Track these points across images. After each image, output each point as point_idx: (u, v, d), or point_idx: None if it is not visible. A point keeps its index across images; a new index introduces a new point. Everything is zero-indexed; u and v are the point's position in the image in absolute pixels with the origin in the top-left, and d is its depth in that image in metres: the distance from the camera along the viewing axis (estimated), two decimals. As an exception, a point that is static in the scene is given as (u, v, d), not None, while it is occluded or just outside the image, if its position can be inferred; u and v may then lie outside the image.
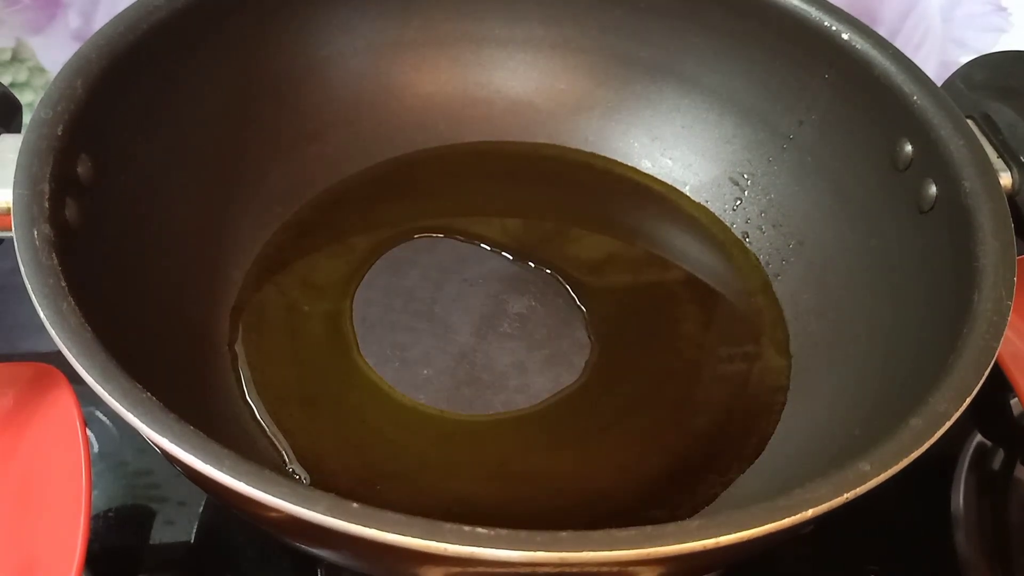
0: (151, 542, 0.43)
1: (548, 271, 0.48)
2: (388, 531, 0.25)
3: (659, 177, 0.53)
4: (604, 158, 0.53)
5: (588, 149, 0.53)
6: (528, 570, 0.27)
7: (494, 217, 0.50)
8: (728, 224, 0.51)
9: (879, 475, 0.29)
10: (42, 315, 0.30)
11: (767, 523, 0.27)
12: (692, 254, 0.50)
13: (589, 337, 0.45)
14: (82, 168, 0.36)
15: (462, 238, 0.49)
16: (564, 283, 0.47)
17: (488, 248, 0.48)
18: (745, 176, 0.51)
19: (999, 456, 0.48)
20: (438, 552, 0.25)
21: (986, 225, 0.37)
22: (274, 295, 0.45)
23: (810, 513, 0.27)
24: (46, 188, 0.34)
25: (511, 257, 0.48)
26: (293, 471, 0.39)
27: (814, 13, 0.45)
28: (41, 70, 0.61)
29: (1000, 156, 0.42)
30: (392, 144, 0.52)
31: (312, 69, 0.49)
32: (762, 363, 0.45)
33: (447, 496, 0.39)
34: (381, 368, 0.43)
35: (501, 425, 0.41)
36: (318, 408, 0.41)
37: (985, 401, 0.33)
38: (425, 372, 0.43)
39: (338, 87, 0.50)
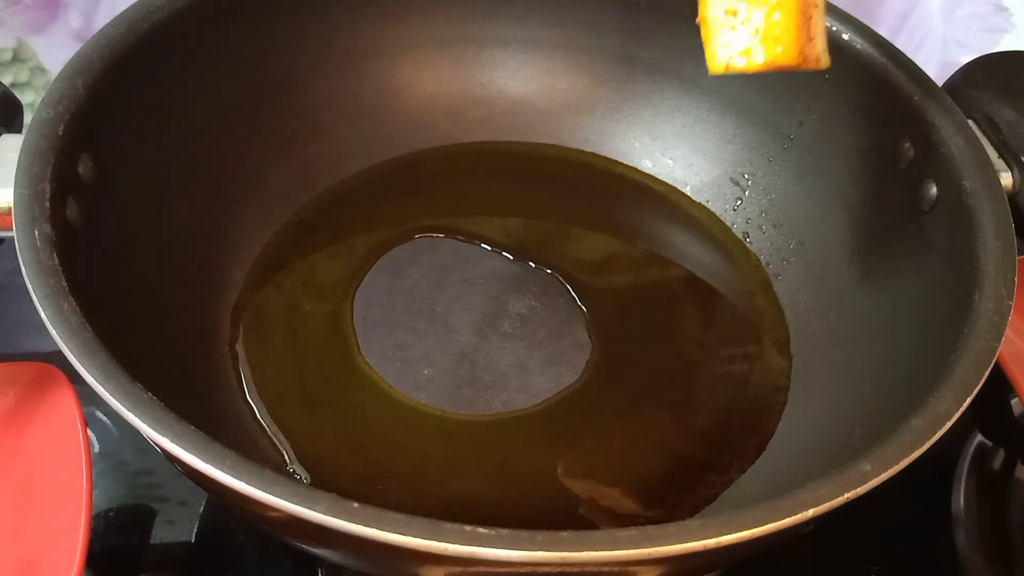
0: (152, 542, 0.43)
1: (549, 271, 0.48)
2: (389, 531, 0.25)
3: (660, 177, 0.53)
4: (605, 158, 0.53)
5: (589, 149, 0.53)
6: (528, 570, 0.27)
7: (495, 217, 0.50)
8: (729, 224, 0.51)
9: (879, 475, 0.29)
10: (43, 315, 0.30)
11: (767, 523, 0.27)
12: (693, 254, 0.50)
13: (590, 337, 0.45)
14: (83, 168, 0.36)
15: (463, 238, 0.49)
16: (565, 283, 0.47)
17: (489, 248, 0.48)
18: (746, 176, 0.51)
19: (999, 456, 0.48)
20: (439, 552, 0.25)
21: (987, 225, 0.37)
22: (275, 295, 0.45)
23: (810, 513, 0.27)
24: (47, 188, 0.34)
25: (512, 257, 0.48)
26: (293, 471, 0.39)
27: (815, 13, 0.45)
28: (42, 70, 0.61)
29: (1001, 156, 0.42)
30: (392, 144, 0.52)
31: (312, 69, 0.49)
32: (762, 363, 0.45)
33: (447, 496, 0.39)
34: (382, 368, 0.43)
35: (501, 425, 0.41)
36: (318, 408, 0.41)
37: (985, 401, 0.33)
38: (426, 372, 0.43)
39: (338, 87, 0.50)
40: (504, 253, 0.48)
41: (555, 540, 0.26)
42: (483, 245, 0.48)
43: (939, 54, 0.64)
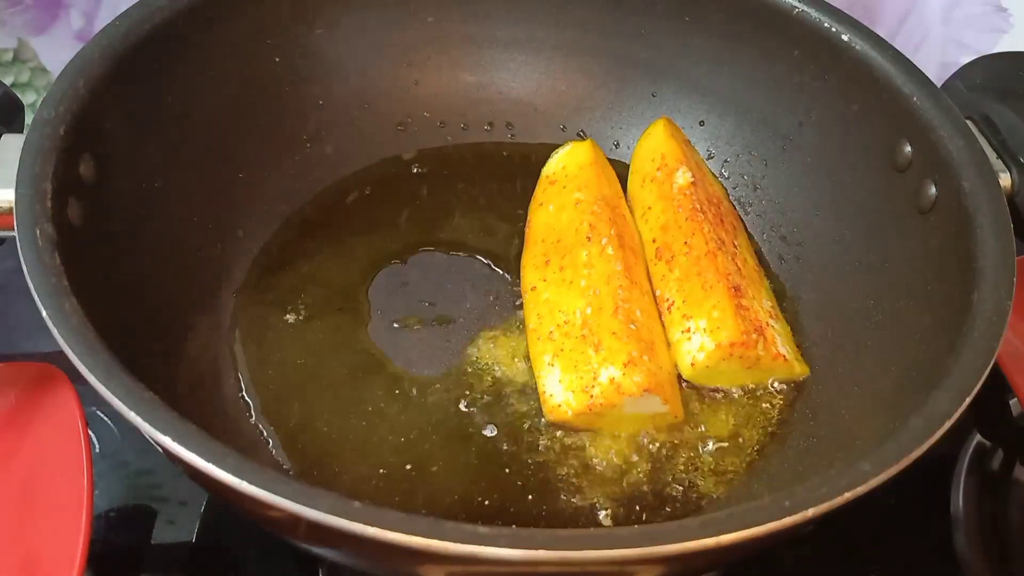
0: (152, 542, 0.43)
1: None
2: (390, 530, 0.25)
3: (659, 178, 0.53)
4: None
5: (589, 150, 0.54)
6: (529, 569, 0.27)
7: (494, 216, 0.50)
8: (728, 225, 0.51)
9: (879, 475, 0.29)
10: (44, 314, 0.30)
11: (767, 523, 0.27)
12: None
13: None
14: (84, 168, 0.36)
15: (463, 238, 0.49)
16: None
17: (488, 248, 0.48)
18: (745, 177, 0.51)
19: (999, 456, 0.48)
20: (439, 551, 0.25)
21: (985, 226, 0.37)
22: (274, 294, 0.45)
23: (810, 513, 0.27)
24: (48, 188, 0.34)
25: (513, 254, 0.48)
26: (293, 470, 0.39)
27: (814, 14, 0.45)
28: (43, 71, 0.61)
29: (1000, 157, 0.42)
30: (392, 144, 0.52)
31: (313, 69, 0.49)
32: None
33: (448, 496, 0.39)
34: (381, 368, 0.43)
35: (502, 425, 0.41)
36: (318, 407, 0.41)
37: (985, 401, 0.33)
38: (427, 372, 0.43)
39: (338, 87, 0.50)
40: (505, 251, 0.48)
41: (555, 540, 0.26)
42: (484, 245, 0.49)
43: (938, 54, 0.64)
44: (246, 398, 0.41)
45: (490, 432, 0.41)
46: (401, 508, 0.26)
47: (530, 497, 0.39)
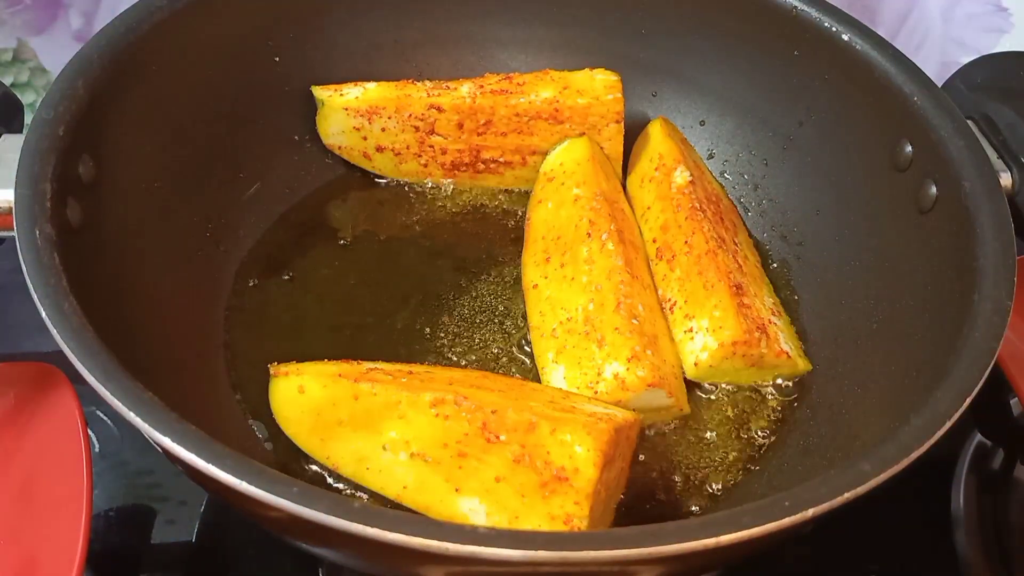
0: (152, 541, 0.43)
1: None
2: (390, 530, 0.25)
3: (659, 177, 0.53)
4: (604, 158, 0.53)
5: (588, 149, 0.53)
6: (529, 569, 0.27)
7: (494, 216, 0.50)
8: (728, 224, 0.51)
9: (879, 475, 0.29)
10: (44, 315, 0.30)
11: (767, 523, 0.27)
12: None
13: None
14: (84, 168, 0.36)
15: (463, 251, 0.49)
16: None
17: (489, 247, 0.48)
18: (745, 177, 0.51)
19: (999, 456, 0.48)
20: (439, 551, 0.25)
21: (986, 225, 0.37)
22: (273, 294, 0.45)
23: (810, 513, 0.27)
24: (48, 188, 0.34)
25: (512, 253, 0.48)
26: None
27: (814, 14, 0.45)
28: (42, 71, 0.61)
29: (1000, 157, 0.42)
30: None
31: (312, 69, 0.49)
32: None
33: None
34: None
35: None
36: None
37: (985, 401, 0.33)
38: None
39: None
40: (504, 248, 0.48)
41: (556, 539, 0.26)
42: (484, 243, 0.49)
43: (938, 54, 0.64)
44: (243, 397, 0.41)
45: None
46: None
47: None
